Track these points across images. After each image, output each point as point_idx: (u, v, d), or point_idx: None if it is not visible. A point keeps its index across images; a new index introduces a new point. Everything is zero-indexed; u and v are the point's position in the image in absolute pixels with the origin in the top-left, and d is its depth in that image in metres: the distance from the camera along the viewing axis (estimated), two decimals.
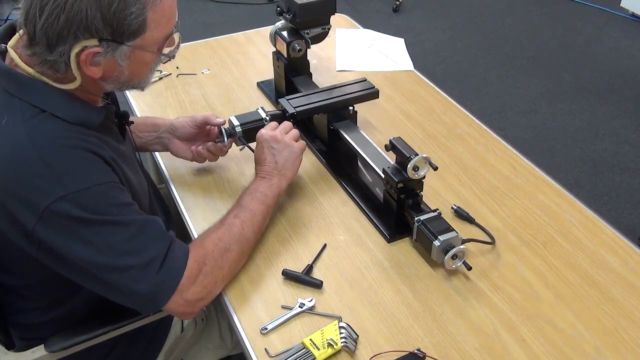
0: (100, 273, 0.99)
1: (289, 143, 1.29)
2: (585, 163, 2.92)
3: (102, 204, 0.98)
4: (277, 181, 1.25)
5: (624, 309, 1.13)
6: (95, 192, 0.97)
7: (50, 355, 1.12)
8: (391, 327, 1.10)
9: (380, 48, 2.02)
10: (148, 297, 1.01)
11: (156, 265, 1.00)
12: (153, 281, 1.00)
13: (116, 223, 0.99)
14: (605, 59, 3.78)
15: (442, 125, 1.64)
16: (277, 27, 1.67)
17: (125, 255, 0.99)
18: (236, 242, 1.14)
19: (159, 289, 1.01)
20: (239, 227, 1.15)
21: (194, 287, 1.05)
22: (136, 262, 0.99)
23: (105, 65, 0.98)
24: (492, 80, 3.58)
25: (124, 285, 1.00)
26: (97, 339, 1.15)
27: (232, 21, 4.20)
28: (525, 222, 1.32)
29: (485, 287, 1.18)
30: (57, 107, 0.98)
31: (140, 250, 1.00)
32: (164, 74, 1.85)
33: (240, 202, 1.20)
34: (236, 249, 1.13)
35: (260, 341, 1.08)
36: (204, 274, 1.06)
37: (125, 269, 0.99)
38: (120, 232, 0.99)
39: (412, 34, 4.03)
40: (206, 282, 1.07)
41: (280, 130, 1.31)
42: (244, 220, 1.16)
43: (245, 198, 1.21)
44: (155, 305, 1.03)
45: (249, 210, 1.18)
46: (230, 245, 1.12)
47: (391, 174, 1.24)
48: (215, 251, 1.09)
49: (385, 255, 1.25)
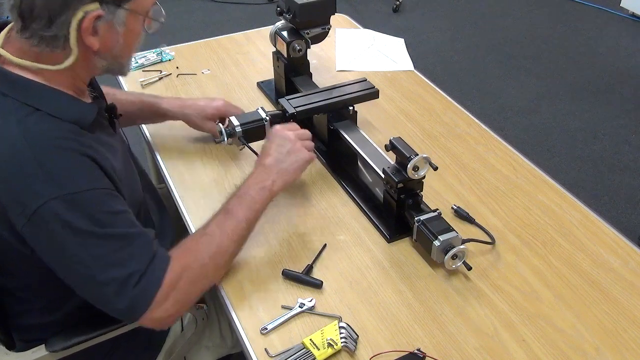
0: (80, 281, 1.00)
1: (301, 149, 1.26)
2: (585, 163, 2.92)
3: (93, 210, 0.97)
4: (270, 184, 1.19)
5: (624, 309, 1.13)
6: (87, 197, 0.97)
7: (51, 355, 1.12)
8: (391, 327, 1.10)
9: (380, 48, 2.02)
10: (125, 310, 1.01)
11: (135, 279, 0.99)
12: (131, 295, 0.99)
13: (102, 236, 0.98)
14: (605, 59, 3.78)
15: (442, 125, 1.64)
16: (277, 27, 1.67)
17: (108, 268, 0.98)
18: (215, 256, 1.10)
19: (135, 304, 1.00)
20: (219, 239, 1.11)
21: (166, 303, 1.03)
22: (117, 275, 0.98)
23: (103, 33, 0.99)
24: (492, 80, 3.58)
25: (103, 298, 1.00)
26: (97, 338, 1.15)
27: (232, 21, 4.20)
28: (525, 222, 1.32)
29: (485, 287, 1.18)
30: (51, 105, 0.99)
31: (122, 263, 0.99)
32: (164, 74, 1.85)
33: (227, 207, 1.15)
34: (211, 263, 1.10)
35: (260, 341, 1.08)
36: (177, 290, 1.04)
37: (106, 283, 0.98)
38: (103, 246, 0.98)
39: (412, 34, 4.03)
40: (179, 298, 1.05)
41: (297, 134, 1.28)
42: (226, 231, 1.12)
43: (234, 202, 1.16)
44: (131, 318, 1.03)
45: (235, 218, 1.13)
46: (207, 260, 1.09)
47: (391, 174, 1.24)
48: (193, 266, 1.07)
49: (385, 255, 1.25)
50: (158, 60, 1.93)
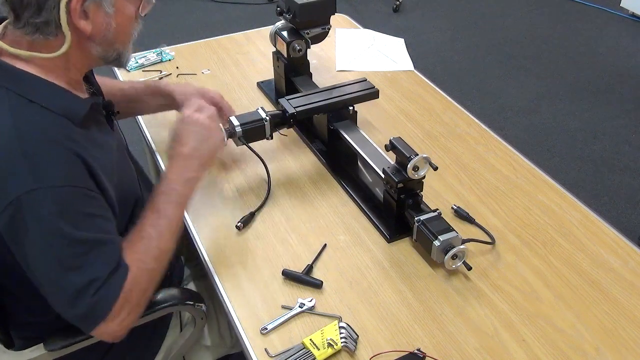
0: (42, 281, 0.99)
1: (215, 131, 1.25)
2: (585, 163, 2.92)
3: (68, 207, 0.97)
4: (194, 175, 1.17)
5: (624, 309, 1.13)
6: (66, 193, 0.96)
7: (50, 354, 1.12)
8: (391, 327, 1.10)
9: (380, 48, 2.02)
10: (81, 317, 1.00)
11: (94, 288, 0.98)
12: (88, 303, 0.98)
13: (72, 239, 0.97)
14: (605, 59, 3.78)
15: (442, 125, 1.64)
16: (277, 27, 1.67)
17: (70, 271, 0.97)
18: (156, 259, 1.09)
19: (92, 312, 0.99)
20: (157, 241, 1.09)
21: (121, 314, 1.02)
22: (78, 280, 0.98)
23: (93, 16, 0.99)
24: (492, 80, 3.58)
25: (61, 301, 1.00)
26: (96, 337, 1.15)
27: (232, 21, 4.20)
28: (525, 222, 1.32)
29: (485, 287, 1.18)
30: (44, 97, 0.99)
31: (84, 269, 0.98)
32: (164, 74, 1.85)
33: (156, 206, 1.12)
34: (157, 266, 1.09)
35: (260, 341, 1.08)
36: (129, 302, 1.03)
37: (66, 286, 0.98)
38: (71, 248, 0.97)
39: (412, 34, 4.03)
40: (130, 309, 1.04)
41: (210, 118, 1.25)
42: (161, 232, 1.10)
43: (161, 199, 1.13)
44: (87, 326, 1.01)
45: (166, 217, 1.11)
46: (152, 264, 1.08)
47: (391, 174, 1.24)
48: (139, 274, 1.05)
49: (385, 255, 1.25)
50: (158, 60, 1.93)
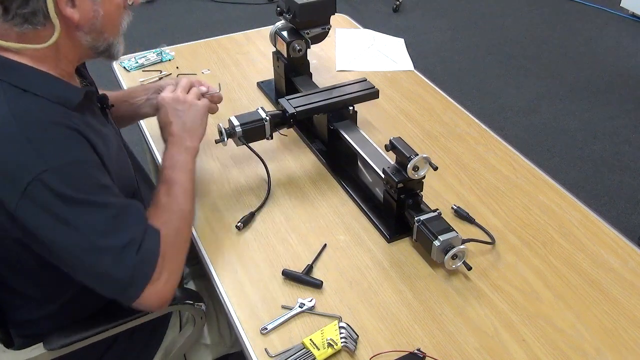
0: (81, 255, 0.99)
1: (193, 102, 1.28)
2: (585, 163, 2.92)
3: (83, 182, 0.98)
4: (190, 144, 1.23)
5: (624, 309, 1.13)
6: (76, 169, 0.97)
7: (49, 353, 1.12)
8: (391, 327, 1.10)
9: (380, 48, 2.02)
10: (126, 281, 1.00)
11: (135, 247, 1.00)
12: (132, 263, 0.99)
13: (96, 204, 0.98)
14: (605, 59, 3.78)
15: (442, 125, 1.64)
16: (277, 27, 1.67)
17: (106, 235, 0.98)
18: (181, 220, 1.12)
19: (138, 272, 1.00)
20: (175, 205, 1.13)
21: (163, 275, 1.04)
22: (115, 243, 0.98)
23: (80, 3, 1.00)
24: (492, 80, 3.58)
25: (104, 268, 0.99)
26: (95, 337, 1.15)
27: (232, 21, 4.20)
28: (525, 222, 1.32)
29: (485, 287, 1.18)
30: (38, 86, 1.00)
31: (119, 232, 0.99)
32: (164, 74, 1.85)
33: (164, 178, 1.17)
34: (183, 226, 1.13)
35: (260, 341, 1.08)
36: (168, 260, 1.05)
37: (104, 250, 0.98)
38: (99, 213, 0.98)
39: (412, 34, 4.03)
40: (172, 268, 1.06)
41: (181, 90, 1.29)
42: (176, 195, 1.14)
43: (167, 172, 1.18)
44: (133, 291, 1.01)
45: (177, 183, 1.16)
46: (178, 225, 1.11)
47: (391, 174, 1.24)
48: (169, 235, 1.08)
49: (385, 255, 1.25)
50: (158, 60, 1.93)
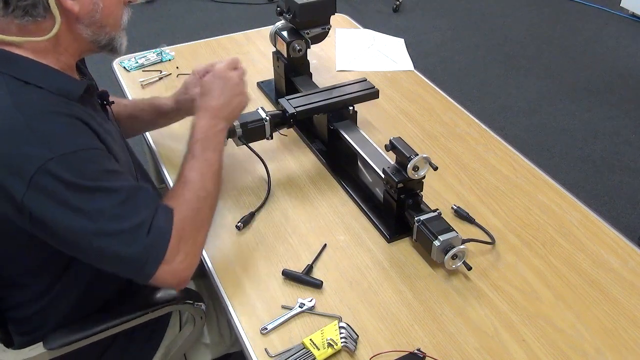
0: (91, 240, 0.99)
1: (244, 92, 1.28)
2: (585, 163, 2.92)
3: (90, 169, 0.98)
4: (223, 127, 1.22)
5: (624, 309, 1.13)
6: (83, 156, 0.98)
7: (49, 353, 1.12)
8: (391, 327, 1.10)
9: (380, 48, 2.02)
10: (140, 261, 1.01)
11: (145, 229, 1.00)
12: (143, 244, 1.00)
13: (105, 189, 0.99)
14: (605, 59, 3.78)
15: (442, 125, 1.64)
16: (277, 27, 1.67)
17: (115, 219, 0.98)
18: (204, 200, 1.12)
19: (149, 253, 1.01)
20: (201, 182, 1.12)
21: (179, 255, 1.04)
22: (126, 226, 0.99)
23: None
24: (492, 80, 3.58)
25: (115, 251, 1.00)
26: (96, 336, 1.15)
27: (232, 21, 4.20)
28: (525, 222, 1.32)
29: (485, 287, 1.18)
30: (39, 79, 1.00)
31: (129, 215, 1.00)
32: (164, 74, 1.85)
33: (193, 153, 1.15)
34: (205, 205, 1.12)
35: (260, 341, 1.08)
36: (184, 241, 1.05)
37: (116, 234, 0.99)
38: (109, 198, 0.99)
39: (412, 34, 4.03)
40: (188, 249, 1.06)
41: (239, 75, 1.29)
42: (203, 173, 1.13)
43: (197, 147, 1.16)
44: (147, 271, 1.02)
45: (205, 160, 1.15)
46: (200, 204, 1.11)
47: (391, 174, 1.24)
48: (188, 215, 1.08)
49: (385, 255, 1.25)
50: (158, 60, 1.93)
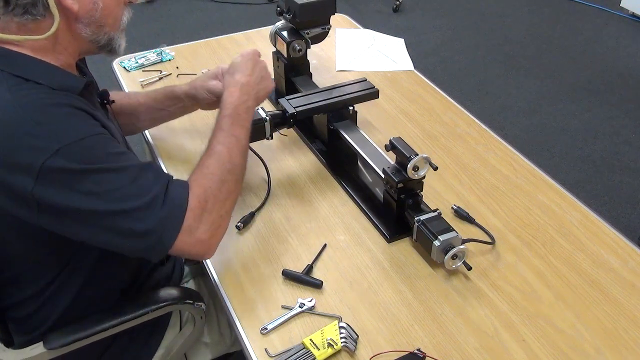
0: (105, 221, 1.00)
1: (270, 78, 1.34)
2: (585, 163, 2.92)
3: (97, 154, 0.99)
4: (252, 104, 1.26)
5: (624, 309, 1.13)
6: (88, 143, 0.98)
7: (49, 353, 1.12)
8: (391, 327, 1.10)
9: (380, 48, 2.02)
10: (155, 234, 1.01)
11: (159, 202, 1.01)
12: (158, 216, 1.01)
13: (114, 170, 0.99)
14: (605, 59, 3.78)
15: (442, 125, 1.64)
16: (277, 27, 1.66)
17: (128, 198, 0.99)
18: (229, 172, 1.13)
19: (165, 225, 1.01)
20: (227, 155, 1.14)
21: (202, 225, 1.05)
22: (139, 203, 1.00)
23: None
24: (492, 80, 3.58)
25: (130, 228, 1.00)
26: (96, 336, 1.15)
27: (232, 21, 4.20)
28: (525, 222, 1.32)
29: (485, 287, 1.18)
30: (39, 75, 1.01)
31: (141, 193, 1.01)
32: (164, 74, 1.85)
33: (222, 127, 1.18)
34: (231, 178, 1.13)
35: (260, 341, 1.08)
36: (208, 212, 1.07)
37: (129, 212, 0.99)
38: (119, 178, 1.00)
39: (412, 34, 4.03)
40: (212, 219, 1.07)
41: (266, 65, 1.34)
42: (230, 147, 1.15)
43: (226, 121, 1.19)
44: (163, 244, 1.02)
45: (233, 135, 1.17)
46: (225, 176, 1.12)
47: (391, 174, 1.24)
48: (212, 186, 1.09)
49: (385, 255, 1.25)
50: (158, 60, 1.93)
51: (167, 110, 1.48)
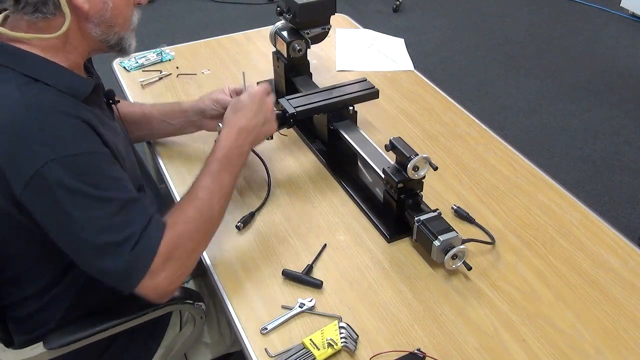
0: (78, 247, 1.00)
1: (273, 121, 1.31)
2: (585, 163, 2.92)
3: (90, 173, 0.98)
4: (247, 150, 1.23)
5: (624, 309, 1.13)
6: (85, 160, 0.98)
7: (49, 353, 1.12)
8: (391, 327, 1.10)
9: (380, 48, 2.02)
10: (122, 274, 1.01)
11: (132, 242, 1.00)
12: (127, 259, 1.00)
13: (99, 198, 0.98)
14: (605, 59, 3.78)
15: (442, 125, 1.64)
16: (277, 27, 1.66)
17: (104, 231, 0.99)
18: (205, 221, 1.11)
19: (132, 267, 1.01)
20: (208, 203, 1.12)
21: (164, 272, 1.03)
22: (113, 239, 0.99)
23: None
24: (492, 80, 3.58)
25: (100, 262, 1.00)
26: (96, 336, 1.15)
27: (232, 21, 4.20)
28: (525, 222, 1.32)
29: (485, 287, 1.18)
30: (48, 76, 1.01)
31: (119, 228, 1.00)
32: (164, 74, 1.85)
33: (209, 170, 1.15)
34: (205, 228, 1.12)
35: (260, 341, 1.08)
36: (174, 259, 1.05)
37: (102, 247, 0.99)
38: (102, 208, 0.99)
39: (412, 34, 4.03)
40: (176, 267, 1.05)
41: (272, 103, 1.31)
42: (212, 195, 1.13)
43: (216, 166, 1.16)
44: (129, 284, 1.02)
45: (218, 182, 1.15)
46: (200, 225, 1.10)
47: (391, 174, 1.24)
48: (185, 234, 1.07)
49: (385, 255, 1.25)
50: (158, 60, 1.93)
51: (169, 122, 1.48)
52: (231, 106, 1.27)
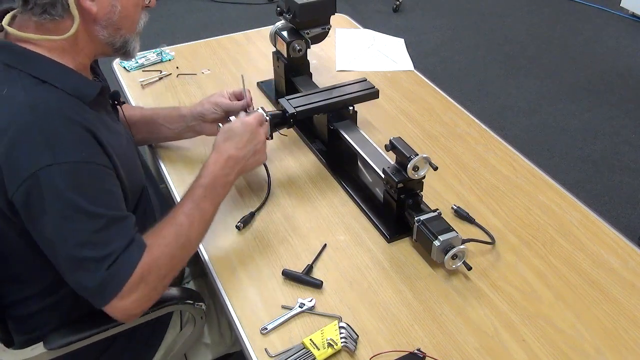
0: (57, 256, 1.00)
1: (264, 151, 1.28)
2: (585, 163, 2.92)
3: (85, 184, 0.98)
4: (233, 179, 1.21)
5: (624, 309, 1.13)
6: (81, 169, 0.98)
7: (49, 353, 1.12)
8: (391, 327, 1.10)
9: (380, 48, 2.02)
10: (94, 291, 1.01)
11: (110, 260, 1.00)
12: (102, 276, 0.99)
13: (88, 213, 0.98)
14: (605, 59, 3.78)
15: (442, 125, 1.64)
16: (277, 27, 1.66)
17: (85, 246, 0.99)
18: (182, 247, 1.10)
19: (105, 286, 1.00)
20: (187, 229, 1.11)
21: (135, 294, 1.03)
22: (93, 255, 0.99)
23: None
24: (492, 80, 3.58)
25: (75, 275, 1.00)
26: (96, 336, 1.15)
27: (232, 21, 4.20)
28: (525, 222, 1.32)
29: (485, 287, 1.18)
30: (55, 78, 1.01)
31: (100, 245, 1.00)
32: (164, 74, 1.85)
33: (192, 196, 1.14)
34: (180, 254, 1.10)
35: (260, 341, 1.08)
36: (146, 283, 1.04)
37: (80, 260, 0.99)
38: (86, 223, 0.99)
39: (412, 34, 4.03)
40: (147, 292, 1.05)
41: (265, 133, 1.30)
42: (192, 221, 1.12)
43: (201, 193, 1.15)
44: (100, 301, 1.02)
45: (201, 210, 1.14)
46: (175, 252, 1.09)
47: (391, 174, 1.24)
48: (160, 259, 1.06)
49: (385, 255, 1.25)
50: (158, 60, 1.93)
51: (168, 127, 1.48)
52: (223, 132, 1.25)
